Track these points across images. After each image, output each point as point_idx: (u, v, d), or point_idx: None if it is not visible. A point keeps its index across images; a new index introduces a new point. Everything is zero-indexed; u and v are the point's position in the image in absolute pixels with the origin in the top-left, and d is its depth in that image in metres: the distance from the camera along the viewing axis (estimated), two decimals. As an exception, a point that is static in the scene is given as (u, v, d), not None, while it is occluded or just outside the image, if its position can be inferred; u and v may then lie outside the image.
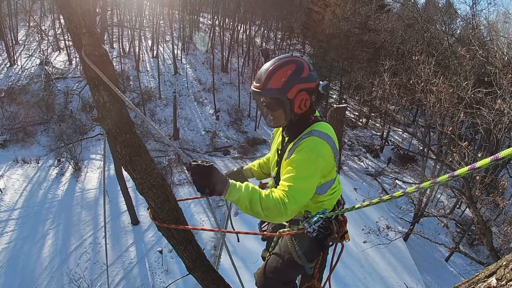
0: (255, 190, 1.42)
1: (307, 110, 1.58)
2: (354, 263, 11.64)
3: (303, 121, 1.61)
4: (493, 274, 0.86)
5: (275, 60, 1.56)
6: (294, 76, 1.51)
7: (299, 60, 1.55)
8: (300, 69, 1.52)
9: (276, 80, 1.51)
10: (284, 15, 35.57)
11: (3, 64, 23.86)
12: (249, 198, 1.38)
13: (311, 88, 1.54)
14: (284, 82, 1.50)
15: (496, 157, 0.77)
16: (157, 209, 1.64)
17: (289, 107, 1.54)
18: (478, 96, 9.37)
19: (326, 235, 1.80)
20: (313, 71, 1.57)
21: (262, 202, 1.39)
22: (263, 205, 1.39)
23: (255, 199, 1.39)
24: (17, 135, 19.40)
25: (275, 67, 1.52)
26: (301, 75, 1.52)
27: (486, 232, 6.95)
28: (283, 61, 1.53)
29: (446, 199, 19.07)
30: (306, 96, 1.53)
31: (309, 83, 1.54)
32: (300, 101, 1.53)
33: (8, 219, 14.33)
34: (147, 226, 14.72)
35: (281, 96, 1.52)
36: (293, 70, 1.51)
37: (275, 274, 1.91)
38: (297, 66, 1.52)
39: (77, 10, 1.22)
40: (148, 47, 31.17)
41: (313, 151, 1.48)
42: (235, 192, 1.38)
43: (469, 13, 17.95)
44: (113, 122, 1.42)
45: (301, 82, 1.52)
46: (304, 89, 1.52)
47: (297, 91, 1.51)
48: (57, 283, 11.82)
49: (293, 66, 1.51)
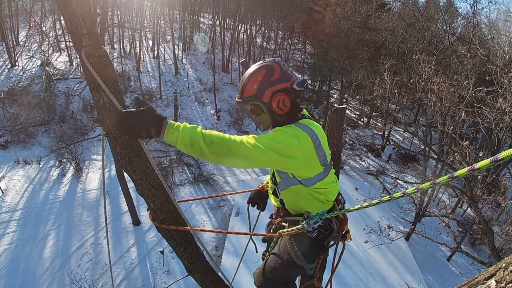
0: (197, 126, 1.31)
1: (290, 108, 1.64)
2: (355, 263, 11.63)
3: (289, 120, 1.65)
4: (492, 276, 0.86)
5: (249, 69, 1.66)
6: (265, 80, 1.59)
7: (270, 64, 1.62)
8: (270, 73, 1.60)
9: (250, 88, 1.60)
10: (284, 15, 35.54)
11: (4, 65, 23.91)
12: (190, 133, 1.27)
13: (285, 88, 1.60)
14: (257, 88, 1.59)
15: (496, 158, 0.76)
16: (157, 210, 1.64)
17: (268, 110, 1.62)
18: (479, 95, 9.32)
19: (327, 234, 1.80)
20: (286, 71, 1.62)
21: (206, 136, 1.28)
22: (207, 140, 1.28)
23: (197, 134, 1.28)
24: (18, 136, 19.44)
25: (248, 76, 1.62)
26: (272, 78, 1.59)
27: (488, 232, 6.93)
28: (254, 69, 1.62)
29: (447, 199, 19.04)
30: (282, 96, 1.59)
31: (281, 84, 1.60)
32: (277, 102, 1.59)
33: (10, 220, 14.36)
34: (148, 226, 14.73)
35: (257, 101, 1.61)
36: (264, 75, 1.59)
37: (273, 274, 1.91)
38: (267, 71, 1.60)
39: (77, 11, 1.22)
40: (149, 48, 31.21)
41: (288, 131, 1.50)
42: (173, 129, 1.27)
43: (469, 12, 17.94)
44: (113, 123, 1.42)
45: (273, 85, 1.59)
46: (278, 90, 1.59)
47: (271, 93, 1.59)
48: (58, 284, 11.84)
49: (263, 72, 1.60)
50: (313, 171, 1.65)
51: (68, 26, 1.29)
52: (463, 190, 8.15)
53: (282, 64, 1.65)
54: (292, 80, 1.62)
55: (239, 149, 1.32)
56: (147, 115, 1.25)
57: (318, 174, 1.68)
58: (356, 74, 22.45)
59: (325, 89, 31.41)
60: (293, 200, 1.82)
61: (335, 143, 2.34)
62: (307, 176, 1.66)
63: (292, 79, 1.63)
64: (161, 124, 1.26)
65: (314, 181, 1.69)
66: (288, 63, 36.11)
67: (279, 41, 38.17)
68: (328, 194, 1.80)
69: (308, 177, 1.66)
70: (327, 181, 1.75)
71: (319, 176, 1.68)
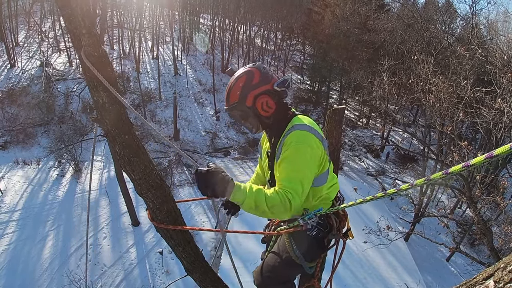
0: (260, 189, 1.45)
1: (276, 109, 1.69)
2: (354, 264, 11.63)
3: (281, 119, 1.71)
4: (491, 277, 0.86)
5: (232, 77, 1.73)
6: (246, 86, 1.65)
7: (250, 70, 1.69)
8: (250, 78, 1.66)
9: (233, 95, 1.68)
10: (284, 16, 35.57)
11: (4, 65, 23.87)
12: (254, 198, 1.41)
13: (267, 90, 1.66)
14: (239, 94, 1.66)
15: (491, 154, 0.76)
16: (156, 210, 1.64)
17: (254, 113, 1.68)
18: (477, 95, 9.34)
19: (326, 232, 1.81)
20: (266, 74, 1.69)
21: (268, 200, 1.42)
22: (269, 204, 1.42)
23: (261, 199, 1.42)
24: (17, 137, 19.41)
25: (230, 84, 1.70)
26: (252, 82, 1.66)
27: (487, 232, 6.93)
28: (236, 77, 1.70)
29: (446, 199, 19.04)
30: (265, 98, 1.66)
31: (262, 87, 1.66)
32: (261, 104, 1.66)
33: (9, 220, 14.33)
34: (147, 227, 14.71)
35: (242, 106, 1.67)
36: (244, 81, 1.66)
37: (272, 273, 1.92)
38: (247, 77, 1.67)
39: (77, 11, 1.22)
40: (148, 48, 31.19)
41: (299, 144, 1.55)
42: (240, 193, 1.40)
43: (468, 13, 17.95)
44: (112, 123, 1.42)
45: (254, 89, 1.65)
46: (260, 93, 1.65)
47: (253, 97, 1.65)
48: (57, 285, 11.81)
49: (244, 78, 1.67)
50: (323, 167, 1.69)
51: (68, 26, 1.29)
52: (462, 190, 8.16)
53: (263, 68, 1.71)
54: (273, 81, 1.68)
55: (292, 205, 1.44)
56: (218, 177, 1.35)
57: (327, 170, 1.73)
58: (355, 75, 22.47)
59: (324, 90, 31.45)
60: None
61: (334, 143, 2.35)
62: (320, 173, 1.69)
63: (273, 80, 1.68)
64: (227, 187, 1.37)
65: (324, 179, 1.73)
66: (287, 63, 36.17)
67: (278, 42, 38.19)
68: (331, 192, 1.83)
69: (319, 174, 1.69)
70: (330, 178, 1.79)
71: (326, 173, 1.73)
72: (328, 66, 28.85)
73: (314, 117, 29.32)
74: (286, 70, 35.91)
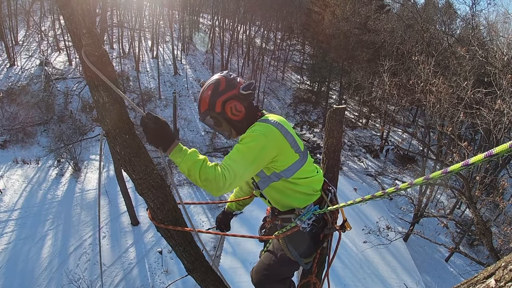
0: (199, 159, 1.46)
1: (246, 112, 1.76)
2: (353, 264, 11.63)
3: (251, 121, 1.75)
4: (491, 275, 0.86)
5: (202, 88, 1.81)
6: (213, 94, 1.73)
7: (217, 78, 1.76)
8: (216, 86, 1.74)
9: (203, 104, 1.75)
10: (284, 16, 35.58)
11: (3, 64, 23.85)
12: (189, 165, 1.44)
13: (233, 95, 1.73)
14: (208, 102, 1.74)
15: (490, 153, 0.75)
16: (156, 209, 1.64)
17: (224, 118, 1.75)
18: (477, 96, 9.35)
19: (320, 227, 1.85)
20: (232, 80, 1.75)
21: (202, 172, 1.43)
22: (202, 176, 1.43)
23: (195, 168, 1.43)
24: (17, 136, 19.39)
25: (200, 94, 1.78)
26: (219, 89, 1.73)
27: (486, 233, 6.94)
28: (204, 87, 1.78)
29: (446, 200, 19.06)
30: (234, 103, 1.73)
31: (228, 92, 1.73)
32: (230, 109, 1.73)
33: (8, 219, 14.31)
34: (147, 226, 14.70)
35: (212, 113, 1.75)
36: (212, 89, 1.74)
37: (268, 271, 1.93)
38: (214, 85, 1.74)
39: (77, 10, 1.22)
40: (148, 48, 31.17)
41: (255, 132, 1.61)
42: (178, 154, 1.45)
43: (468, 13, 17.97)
44: (113, 122, 1.42)
45: (221, 95, 1.72)
46: (227, 99, 1.72)
47: (221, 103, 1.72)
48: (56, 284, 11.80)
49: (211, 87, 1.74)
50: (288, 159, 1.70)
51: (68, 26, 1.29)
52: (461, 190, 8.15)
53: (229, 75, 1.78)
54: (239, 86, 1.75)
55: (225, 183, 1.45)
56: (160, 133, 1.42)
57: (295, 163, 1.73)
58: (355, 75, 22.47)
59: (324, 90, 31.45)
60: (277, 197, 1.87)
61: (335, 143, 2.35)
62: (285, 166, 1.70)
63: (239, 85, 1.75)
64: (169, 145, 1.44)
65: (293, 171, 1.73)
66: (287, 63, 36.17)
67: (278, 42, 38.19)
68: (312, 184, 1.84)
69: (286, 166, 1.71)
70: (306, 170, 1.79)
71: (296, 165, 1.73)
72: (328, 66, 28.86)
73: (314, 117, 29.36)
74: (286, 70, 35.92)
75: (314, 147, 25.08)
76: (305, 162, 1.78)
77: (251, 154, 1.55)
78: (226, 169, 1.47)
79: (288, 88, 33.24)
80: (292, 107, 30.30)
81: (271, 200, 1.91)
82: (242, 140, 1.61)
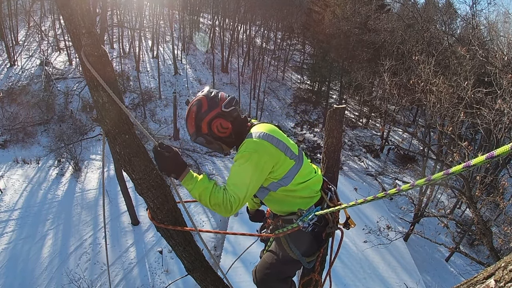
0: (208, 185, 1.55)
1: (233, 127, 1.77)
2: (354, 263, 11.63)
3: (241, 134, 1.76)
4: (491, 276, 0.86)
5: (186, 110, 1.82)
6: (197, 115, 1.74)
7: (198, 99, 1.75)
8: (199, 107, 1.74)
9: (190, 127, 1.78)
10: (284, 15, 35.57)
11: (3, 64, 23.86)
12: (200, 190, 1.54)
13: (217, 114, 1.74)
14: (195, 125, 1.76)
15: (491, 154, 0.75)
16: (156, 209, 1.64)
17: (213, 137, 1.77)
18: (478, 96, 9.33)
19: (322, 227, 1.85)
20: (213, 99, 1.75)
21: (211, 198, 1.54)
22: (212, 201, 1.54)
23: (205, 194, 1.54)
24: (17, 136, 19.40)
25: (186, 118, 1.80)
26: (201, 111, 1.74)
27: (486, 232, 6.94)
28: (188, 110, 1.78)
29: (446, 199, 19.04)
30: (219, 121, 1.74)
31: (211, 113, 1.73)
32: (216, 128, 1.74)
33: (8, 219, 14.33)
34: (147, 226, 14.71)
35: (199, 134, 1.77)
36: (195, 112, 1.74)
37: (271, 269, 1.94)
38: (197, 107, 1.74)
39: (76, 11, 1.22)
40: (148, 48, 31.17)
41: (247, 151, 1.62)
42: (190, 181, 1.55)
43: (469, 13, 17.95)
44: (112, 122, 1.42)
45: (204, 116, 1.73)
46: (211, 119, 1.73)
47: (206, 124, 1.74)
48: (57, 284, 11.81)
49: (194, 109, 1.75)
50: (284, 166, 1.70)
51: (68, 26, 1.29)
52: (462, 190, 8.15)
53: (209, 93, 1.77)
54: (221, 103, 1.75)
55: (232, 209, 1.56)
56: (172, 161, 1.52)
57: (291, 169, 1.72)
58: (355, 75, 22.44)
59: (324, 90, 31.44)
60: (277, 206, 1.89)
61: (335, 143, 2.35)
62: (282, 174, 1.71)
63: (221, 102, 1.75)
64: (181, 173, 1.54)
65: (291, 177, 1.73)
66: (287, 63, 36.15)
67: (278, 42, 38.17)
68: (311, 186, 1.84)
69: (283, 174, 1.71)
70: (303, 173, 1.78)
71: (293, 170, 1.73)
72: (328, 66, 28.84)
73: (314, 116, 29.35)
74: (286, 70, 35.91)
75: (314, 147, 25.08)
76: (302, 165, 1.78)
77: (248, 174, 1.59)
78: (231, 195, 1.55)
79: (289, 88, 33.23)
80: (293, 106, 30.31)
81: (272, 208, 1.96)
82: (236, 162, 1.64)
